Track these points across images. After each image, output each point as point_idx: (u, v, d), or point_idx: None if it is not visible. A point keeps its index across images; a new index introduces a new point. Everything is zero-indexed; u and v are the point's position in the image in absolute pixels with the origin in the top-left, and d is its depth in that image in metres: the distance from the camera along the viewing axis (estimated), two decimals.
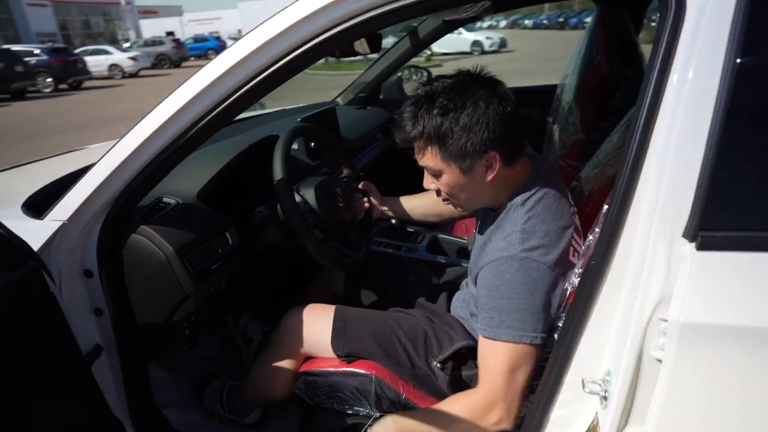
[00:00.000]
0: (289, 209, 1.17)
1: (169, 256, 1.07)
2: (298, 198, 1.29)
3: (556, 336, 0.93)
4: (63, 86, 15.91)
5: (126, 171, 1.01)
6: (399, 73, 2.53)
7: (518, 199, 0.99)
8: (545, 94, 1.99)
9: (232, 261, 1.22)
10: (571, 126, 1.65)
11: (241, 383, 1.45)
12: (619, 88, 1.55)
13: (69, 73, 16.06)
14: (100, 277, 1.09)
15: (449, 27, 2.11)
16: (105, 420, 1.04)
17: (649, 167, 0.72)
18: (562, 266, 0.94)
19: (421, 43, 2.23)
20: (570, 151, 1.65)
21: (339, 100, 2.49)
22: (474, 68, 1.01)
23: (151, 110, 0.99)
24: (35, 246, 1.04)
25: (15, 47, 16.01)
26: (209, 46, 28.66)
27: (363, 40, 1.65)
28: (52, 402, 0.91)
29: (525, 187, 1.01)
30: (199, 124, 0.97)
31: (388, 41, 2.65)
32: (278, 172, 1.19)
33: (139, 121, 1.00)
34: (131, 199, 1.06)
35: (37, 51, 15.99)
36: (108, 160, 1.00)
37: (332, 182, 1.36)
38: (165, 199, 1.20)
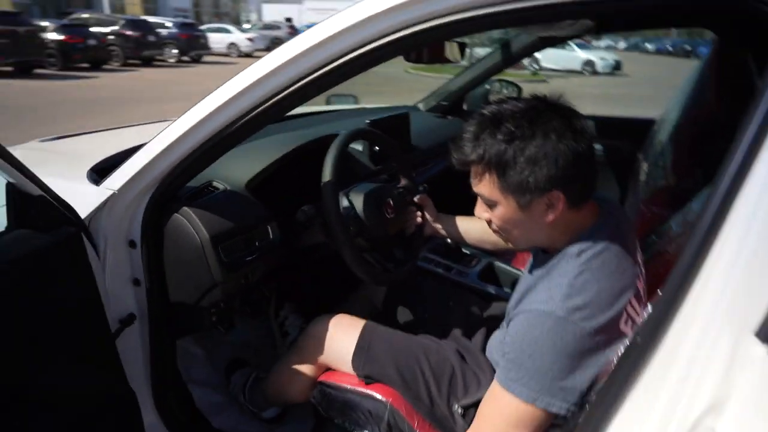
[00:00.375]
0: (331, 214, 1.13)
1: (204, 242, 1.07)
2: (345, 203, 1.25)
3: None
4: (185, 58, 17.20)
5: (176, 152, 1.02)
6: (487, 86, 2.42)
7: (574, 248, 0.88)
8: (642, 127, 1.80)
9: (270, 256, 1.21)
10: (661, 169, 1.47)
11: (265, 377, 1.44)
12: (726, 135, 1.35)
13: (192, 47, 17.34)
14: (141, 250, 1.12)
15: (545, 43, 1.98)
16: (119, 390, 1.06)
17: (726, 238, 0.60)
18: (608, 334, 0.82)
19: (513, 57, 2.11)
20: (655, 197, 1.48)
21: (420, 105, 2.43)
22: (551, 95, 0.91)
23: (208, 95, 0.99)
24: (87, 211, 1.08)
25: (151, 19, 17.56)
26: None
27: (454, 45, 1.58)
28: (67, 365, 0.94)
29: (586, 235, 0.89)
30: (252, 114, 0.96)
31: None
32: (327, 174, 1.15)
33: (195, 104, 1.00)
34: (179, 179, 1.07)
35: (168, 24, 17.43)
36: (161, 139, 1.02)
37: (384, 191, 1.30)
38: (215, 183, 1.21)
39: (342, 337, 1.20)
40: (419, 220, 1.39)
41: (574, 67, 18.63)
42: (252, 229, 1.17)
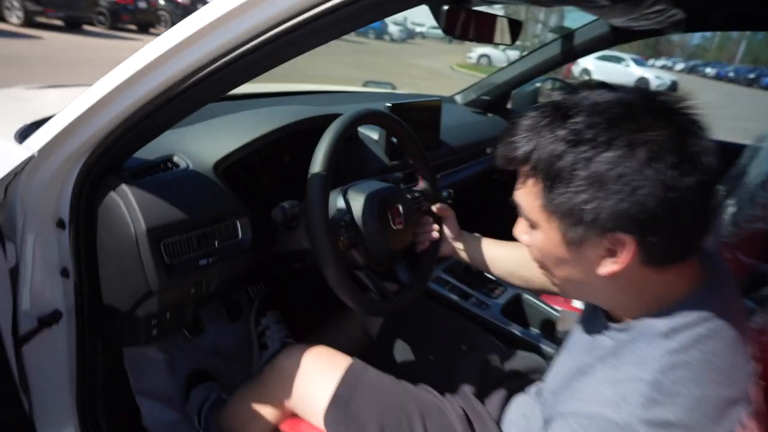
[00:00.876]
0: (314, 215, 0.85)
1: (139, 234, 0.80)
2: (341, 203, 0.96)
3: None
4: None
5: (111, 110, 0.75)
6: (537, 84, 2.09)
7: (660, 324, 0.57)
8: (725, 152, 1.45)
9: (234, 260, 0.93)
10: (759, 207, 1.14)
11: (235, 392, 1.17)
12: None
13: None
14: (69, 232, 0.87)
15: (616, 38, 1.64)
16: (8, 421, 0.81)
17: None
18: None
19: (574, 51, 1.78)
20: (746, 242, 1.14)
21: (458, 98, 2.12)
22: (657, 90, 0.60)
23: (158, 38, 0.71)
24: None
25: None
26: (371, 26, 29.19)
27: (505, 26, 1.27)
28: None
29: (680, 306, 0.58)
30: (215, 64, 0.68)
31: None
32: (317, 164, 0.87)
33: (139, 50, 0.73)
34: (119, 147, 0.80)
35: None
36: (92, 93, 0.75)
37: (394, 194, 1.01)
38: (176, 159, 0.93)
39: (317, 379, 0.92)
40: (435, 235, 1.10)
41: (626, 83, 17.78)
42: (213, 223, 0.90)
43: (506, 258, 1.03)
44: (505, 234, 1.26)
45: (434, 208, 1.09)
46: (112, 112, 0.74)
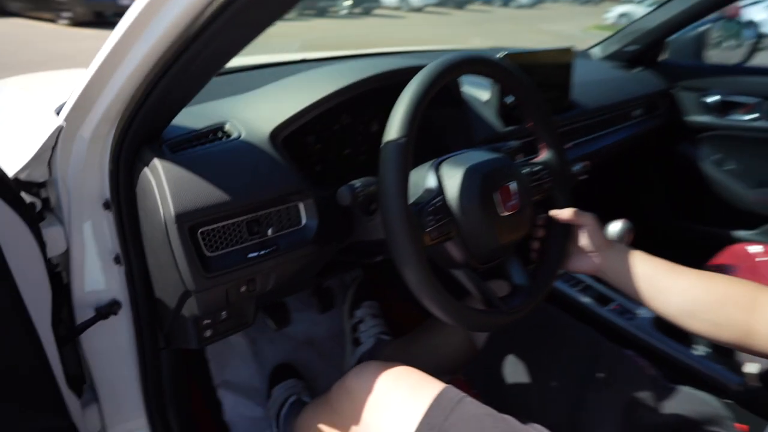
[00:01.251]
0: (389, 198, 0.62)
1: (168, 220, 0.64)
2: (432, 182, 0.73)
3: None
4: (357, 10, 17.55)
5: (129, 64, 0.59)
6: (702, 27, 1.64)
7: None
8: None
9: (295, 252, 0.74)
10: None
11: (304, 407, 1.02)
12: None
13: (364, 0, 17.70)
14: (113, 213, 0.75)
15: None
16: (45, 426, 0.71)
17: None
18: None
19: None
20: None
21: (597, 50, 1.73)
22: None
23: None
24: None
25: None
26: None
27: None
28: None
29: None
30: None
31: None
32: (393, 128, 0.64)
33: None
34: (148, 110, 0.65)
35: None
36: (105, 48, 0.60)
37: (503, 168, 0.75)
38: (228, 127, 0.76)
39: (397, 409, 0.71)
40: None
41: None
42: (268, 206, 0.72)
43: (686, 292, 0.69)
44: (664, 228, 0.94)
45: (565, 213, 0.80)
46: (129, 68, 0.59)
